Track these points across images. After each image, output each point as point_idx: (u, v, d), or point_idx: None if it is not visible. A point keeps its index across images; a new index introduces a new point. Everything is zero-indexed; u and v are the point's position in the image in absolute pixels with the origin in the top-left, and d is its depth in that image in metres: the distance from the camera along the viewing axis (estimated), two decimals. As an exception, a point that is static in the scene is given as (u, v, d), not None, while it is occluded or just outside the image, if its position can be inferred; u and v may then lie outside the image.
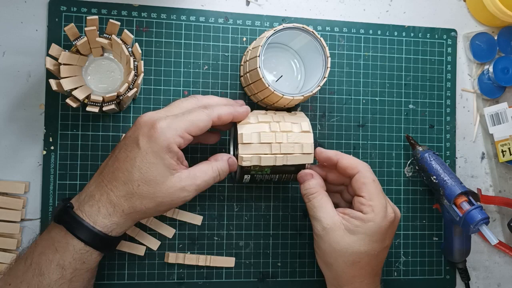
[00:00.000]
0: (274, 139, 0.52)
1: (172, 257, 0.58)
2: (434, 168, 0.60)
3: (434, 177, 0.60)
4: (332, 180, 0.57)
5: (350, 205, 0.56)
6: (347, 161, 0.53)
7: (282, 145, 0.52)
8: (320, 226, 0.52)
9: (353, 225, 0.51)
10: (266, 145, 0.52)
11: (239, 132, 0.52)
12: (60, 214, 0.47)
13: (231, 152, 0.59)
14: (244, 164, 0.52)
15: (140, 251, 0.58)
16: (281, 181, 0.56)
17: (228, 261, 0.60)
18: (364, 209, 0.51)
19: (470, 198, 0.58)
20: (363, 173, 0.52)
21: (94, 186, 0.48)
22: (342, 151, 0.63)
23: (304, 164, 0.54)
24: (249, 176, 0.54)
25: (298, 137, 0.53)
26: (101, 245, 0.47)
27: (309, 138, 0.53)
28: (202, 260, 0.59)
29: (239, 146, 0.52)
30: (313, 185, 0.53)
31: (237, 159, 0.53)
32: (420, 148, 0.62)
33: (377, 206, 0.51)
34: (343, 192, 0.58)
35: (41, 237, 0.48)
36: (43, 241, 0.48)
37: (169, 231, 0.59)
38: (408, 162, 0.64)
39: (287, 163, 0.53)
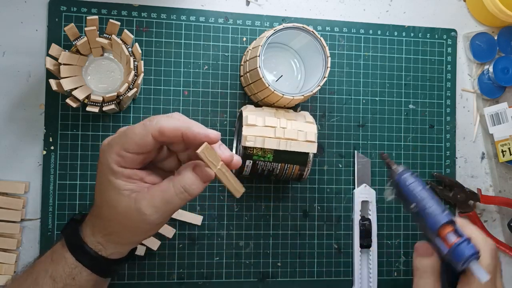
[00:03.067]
0: (278, 124, 0.53)
1: None
2: (413, 193, 0.48)
3: (414, 204, 0.48)
4: None
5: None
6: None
7: (286, 130, 0.53)
8: None
9: None
10: (270, 129, 0.53)
11: (244, 115, 0.53)
12: (65, 226, 0.48)
13: (234, 150, 0.59)
14: (248, 144, 0.52)
15: (140, 251, 0.58)
16: (282, 175, 0.56)
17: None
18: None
19: (457, 227, 0.47)
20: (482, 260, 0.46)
21: None
22: (342, 152, 0.63)
23: (307, 155, 0.54)
24: (251, 162, 0.54)
25: (302, 125, 0.54)
26: (89, 262, 0.45)
27: (313, 128, 0.54)
28: None
29: (244, 128, 0.53)
30: (429, 266, 0.48)
31: (239, 149, 0.53)
32: (399, 169, 0.49)
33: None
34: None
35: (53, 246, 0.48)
36: (48, 251, 0.47)
37: (169, 231, 0.59)
38: (387, 185, 0.52)
39: (290, 149, 0.53)
